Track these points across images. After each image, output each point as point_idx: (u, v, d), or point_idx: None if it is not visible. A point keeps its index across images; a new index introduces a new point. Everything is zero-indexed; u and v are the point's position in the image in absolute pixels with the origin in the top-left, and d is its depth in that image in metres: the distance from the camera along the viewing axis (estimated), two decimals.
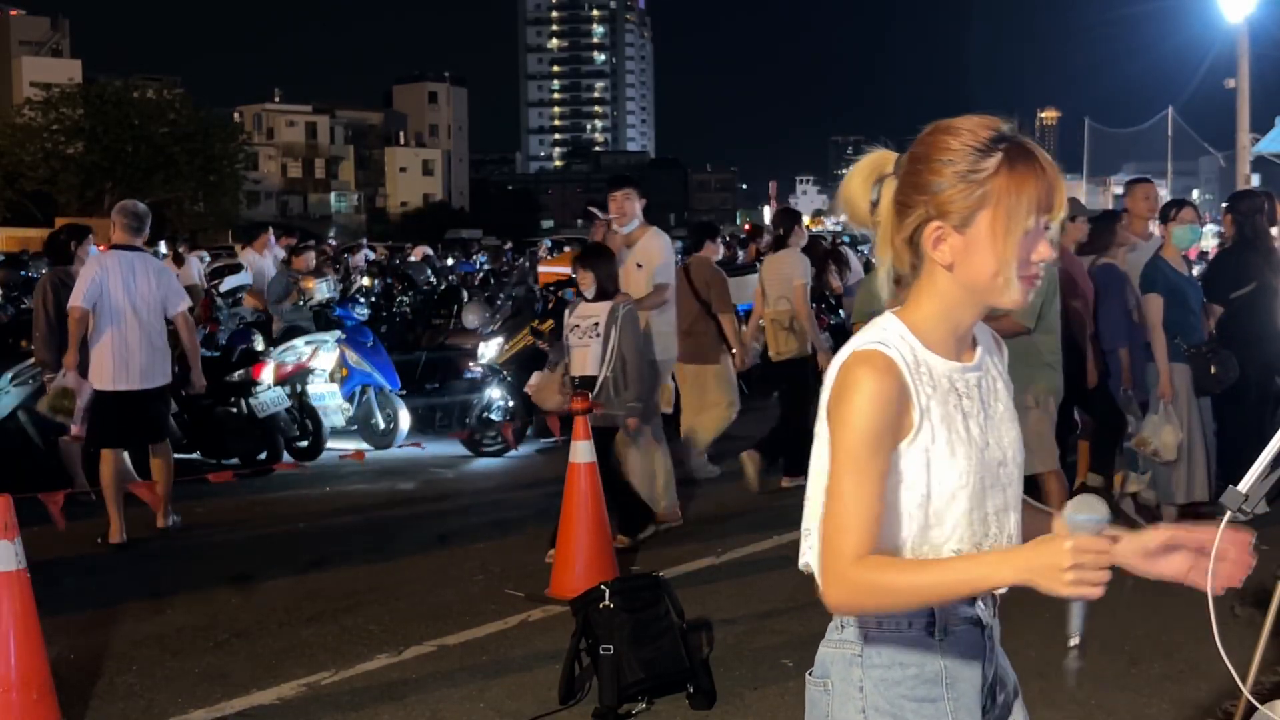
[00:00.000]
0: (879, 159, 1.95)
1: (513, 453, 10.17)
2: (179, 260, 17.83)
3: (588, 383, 6.81)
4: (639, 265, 7.58)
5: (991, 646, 1.98)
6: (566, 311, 7.19)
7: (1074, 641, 1.75)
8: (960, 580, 1.74)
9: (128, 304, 7.39)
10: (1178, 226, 7.09)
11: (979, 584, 1.74)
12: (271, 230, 15.18)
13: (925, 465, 1.83)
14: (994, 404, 1.95)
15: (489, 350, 10.64)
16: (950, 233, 1.84)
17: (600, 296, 6.91)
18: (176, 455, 8.21)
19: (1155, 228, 8.12)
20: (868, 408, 1.79)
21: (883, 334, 1.87)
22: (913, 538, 1.86)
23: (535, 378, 7.58)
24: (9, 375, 9.00)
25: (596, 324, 6.83)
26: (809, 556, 1.92)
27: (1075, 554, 1.65)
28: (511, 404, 10.16)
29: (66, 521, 6.88)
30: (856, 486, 1.79)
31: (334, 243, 39.02)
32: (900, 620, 1.88)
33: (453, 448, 10.27)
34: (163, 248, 19.12)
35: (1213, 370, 6.89)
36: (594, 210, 10.38)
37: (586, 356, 6.87)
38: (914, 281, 1.92)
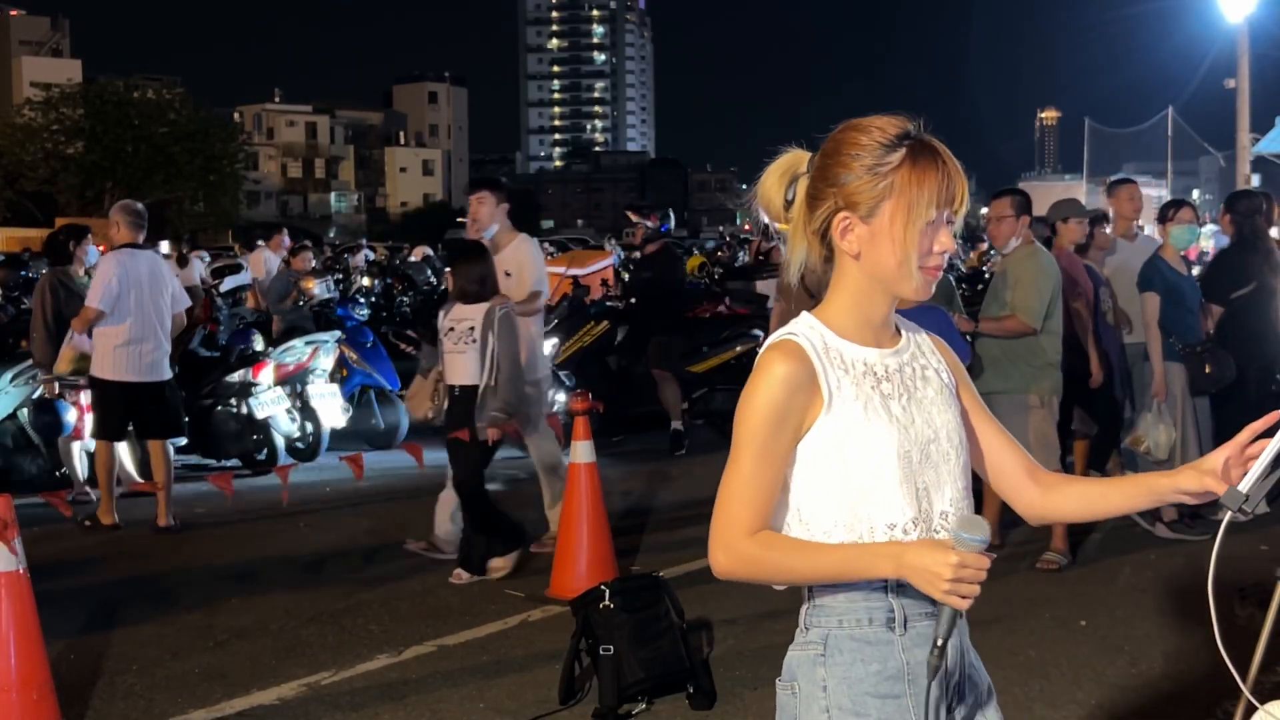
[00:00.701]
0: (793, 159, 2.03)
1: (515, 453, 10.15)
2: (183, 261, 17.87)
3: (467, 393, 6.32)
4: (508, 273, 7.01)
5: (956, 643, 1.98)
6: (441, 313, 6.66)
7: (939, 643, 1.84)
8: (838, 567, 1.86)
9: (143, 300, 7.54)
10: (1176, 226, 7.12)
11: (857, 573, 1.86)
12: (286, 231, 15.19)
13: (842, 440, 1.90)
14: (922, 388, 2.00)
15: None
16: (857, 223, 1.93)
17: (472, 299, 6.39)
18: (177, 455, 8.24)
19: (1154, 229, 8.14)
20: (771, 388, 1.89)
21: (794, 325, 1.98)
22: (844, 513, 1.91)
23: (414, 384, 7.07)
24: (9, 375, 8.99)
25: (472, 328, 6.31)
26: None
27: (957, 569, 1.76)
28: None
29: (67, 521, 6.89)
30: (755, 463, 1.89)
31: (336, 243, 39.04)
32: (861, 617, 1.93)
33: None
34: (165, 248, 19.08)
35: (1208, 369, 6.90)
36: (631, 214, 10.39)
37: (462, 364, 6.36)
38: (827, 276, 2.01)
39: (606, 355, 11.04)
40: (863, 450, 1.90)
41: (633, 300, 11.06)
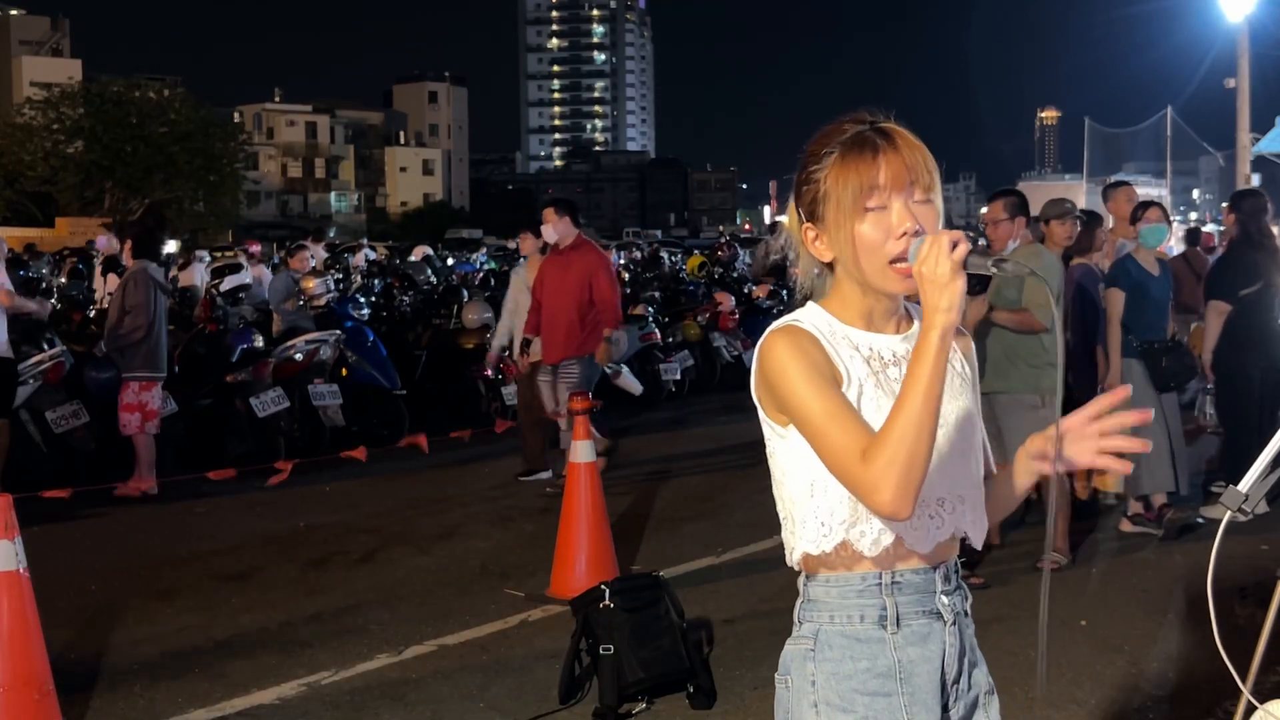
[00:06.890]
0: None
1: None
2: (187, 263, 17.95)
3: None
4: None
5: (956, 642, 1.96)
6: None
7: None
8: (930, 375, 1.70)
9: None
10: (1144, 226, 7.24)
11: (936, 348, 1.71)
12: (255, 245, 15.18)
13: None
14: None
15: None
16: (818, 231, 1.93)
17: None
18: (178, 454, 8.25)
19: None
20: (793, 355, 1.86)
21: (797, 314, 1.97)
22: (850, 494, 1.83)
23: None
24: None
25: None
26: (792, 543, 1.97)
27: (933, 243, 1.71)
28: None
29: (67, 521, 6.88)
30: (827, 414, 1.80)
31: (336, 243, 38.89)
32: (853, 614, 1.92)
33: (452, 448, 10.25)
34: (172, 246, 19.18)
35: (1164, 363, 7.01)
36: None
37: None
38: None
39: None
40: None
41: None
